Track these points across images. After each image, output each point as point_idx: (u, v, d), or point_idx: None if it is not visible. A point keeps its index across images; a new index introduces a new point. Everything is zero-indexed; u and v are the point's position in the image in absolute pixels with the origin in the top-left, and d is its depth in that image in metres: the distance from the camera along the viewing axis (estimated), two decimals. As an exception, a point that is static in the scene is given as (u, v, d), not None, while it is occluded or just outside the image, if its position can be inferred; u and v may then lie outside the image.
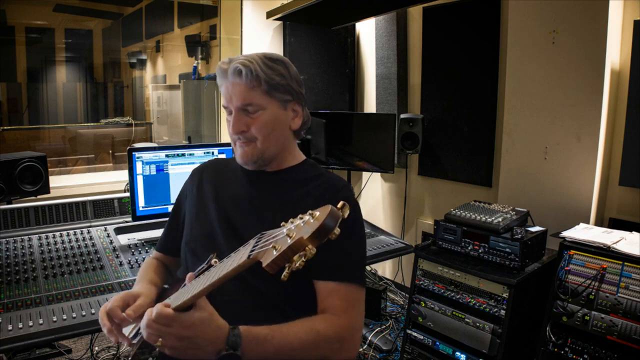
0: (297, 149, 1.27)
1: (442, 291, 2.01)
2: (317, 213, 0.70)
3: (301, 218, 0.72)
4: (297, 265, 0.68)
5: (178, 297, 0.88)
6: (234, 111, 1.12)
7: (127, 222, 2.11)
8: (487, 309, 1.85)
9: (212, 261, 0.94)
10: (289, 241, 0.68)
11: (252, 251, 0.76)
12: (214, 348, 0.87)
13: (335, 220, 0.68)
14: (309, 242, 0.67)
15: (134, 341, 1.02)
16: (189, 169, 1.99)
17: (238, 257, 0.80)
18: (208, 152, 2.05)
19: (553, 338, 1.71)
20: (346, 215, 0.71)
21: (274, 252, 0.69)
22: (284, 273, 0.70)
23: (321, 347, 0.99)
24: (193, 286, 0.87)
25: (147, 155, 1.93)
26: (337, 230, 0.69)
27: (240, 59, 1.10)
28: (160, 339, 0.84)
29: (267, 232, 0.79)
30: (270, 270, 0.70)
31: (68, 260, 1.71)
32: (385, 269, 3.54)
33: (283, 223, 0.75)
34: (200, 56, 5.36)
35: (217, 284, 0.80)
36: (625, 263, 1.57)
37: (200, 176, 1.31)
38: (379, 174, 3.51)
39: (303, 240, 0.67)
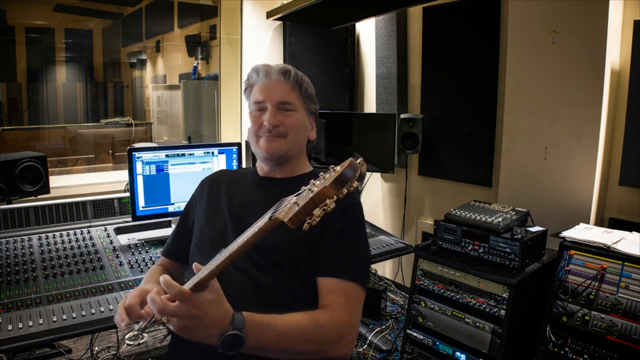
0: (307, 160, 1.33)
1: (442, 291, 2.01)
2: (337, 167, 0.73)
3: (322, 176, 0.75)
4: (317, 216, 0.71)
5: (193, 280, 0.89)
6: (271, 106, 1.20)
7: (127, 222, 2.11)
8: (487, 309, 1.85)
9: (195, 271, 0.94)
10: (310, 194, 0.71)
11: (273, 213, 0.78)
12: (218, 330, 0.88)
13: (353, 170, 0.72)
14: (331, 190, 0.70)
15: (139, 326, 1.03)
16: (189, 169, 2.01)
17: (259, 223, 0.81)
18: (208, 152, 2.05)
19: (553, 338, 1.71)
20: (364, 170, 0.76)
21: (296, 207, 0.72)
22: (304, 225, 0.72)
23: (320, 338, 1.01)
24: (209, 266, 0.88)
25: (147, 155, 1.93)
26: (355, 183, 0.72)
27: (283, 65, 1.24)
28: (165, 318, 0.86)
29: (286, 197, 0.81)
30: (291, 224, 0.73)
31: (68, 260, 1.71)
32: (385, 269, 3.54)
33: (303, 187, 0.77)
34: (200, 56, 5.36)
35: (237, 253, 0.82)
36: (625, 263, 1.57)
37: (210, 185, 1.34)
38: (379, 174, 3.51)
39: (326, 189, 0.70)
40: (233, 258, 0.82)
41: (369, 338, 2.68)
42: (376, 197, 3.60)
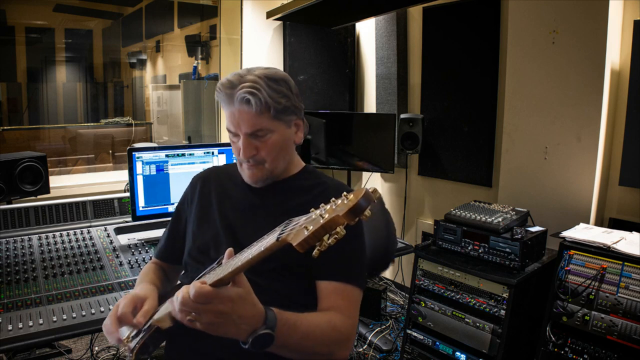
0: (297, 157, 1.28)
1: (442, 291, 2.01)
2: (350, 195, 0.71)
3: (334, 201, 0.73)
4: (329, 242, 0.70)
5: (212, 277, 0.87)
6: (243, 137, 1.12)
7: (127, 222, 2.11)
8: (487, 309, 1.85)
9: (224, 260, 0.94)
10: (321, 220, 0.69)
11: (280, 234, 0.76)
12: (248, 327, 0.86)
13: (368, 201, 0.70)
14: (344, 219, 0.69)
15: (134, 342, 1.02)
16: (189, 169, 2.01)
17: (266, 241, 0.80)
18: (208, 152, 2.05)
19: (553, 338, 1.71)
20: (375, 199, 0.74)
21: (306, 232, 0.70)
22: (314, 252, 0.71)
23: (334, 340, 1.02)
24: (211, 277, 0.87)
25: (147, 155, 1.93)
26: (367, 212, 0.70)
27: (246, 85, 1.07)
28: (193, 314, 0.84)
29: (294, 218, 0.80)
30: (300, 249, 0.71)
31: (68, 260, 1.71)
32: (385, 269, 3.53)
33: (312, 209, 0.76)
34: (200, 56, 5.36)
35: (240, 269, 0.81)
36: (625, 263, 1.57)
37: (202, 184, 1.31)
38: (379, 174, 3.51)
39: (338, 217, 0.68)
40: (235, 273, 0.81)
41: (369, 338, 2.68)
42: (376, 197, 3.59)
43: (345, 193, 0.73)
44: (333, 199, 0.74)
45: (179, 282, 1.26)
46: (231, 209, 1.21)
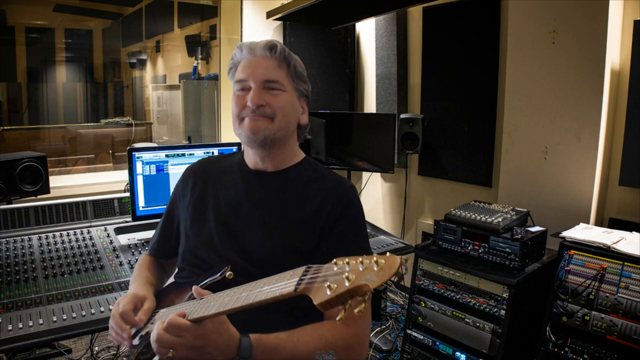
0: (298, 147, 1.24)
1: (442, 291, 2.01)
2: (382, 261, 0.66)
3: (361, 262, 0.67)
4: (356, 311, 0.65)
5: (197, 309, 0.86)
6: (255, 85, 1.09)
7: (127, 222, 2.11)
8: (487, 309, 1.85)
9: (227, 274, 0.92)
10: (347, 284, 0.64)
11: (299, 283, 0.71)
12: (224, 357, 0.87)
13: (399, 275, 0.66)
14: (372, 290, 0.65)
15: (135, 342, 1.02)
16: (189, 169, 2.00)
17: (281, 286, 0.75)
18: (208, 152, 2.05)
19: (553, 338, 1.71)
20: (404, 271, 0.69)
21: (328, 292, 0.65)
22: (339, 317, 0.66)
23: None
24: (217, 302, 0.85)
25: (147, 155, 1.93)
26: (395, 278, 0.66)
27: (273, 40, 1.12)
28: (171, 351, 0.84)
29: (314, 265, 0.75)
30: (322, 309, 0.67)
31: (68, 260, 1.71)
32: (385, 269, 3.53)
33: (335, 260, 0.70)
34: (200, 56, 5.36)
35: (249, 306, 0.78)
36: (625, 263, 1.57)
37: (194, 179, 1.25)
38: (379, 174, 3.51)
39: (367, 287, 0.64)
40: (244, 308, 0.79)
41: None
42: (376, 197, 3.60)
43: (376, 257, 0.67)
44: (360, 259, 0.68)
45: (174, 281, 1.24)
46: (226, 204, 1.16)
